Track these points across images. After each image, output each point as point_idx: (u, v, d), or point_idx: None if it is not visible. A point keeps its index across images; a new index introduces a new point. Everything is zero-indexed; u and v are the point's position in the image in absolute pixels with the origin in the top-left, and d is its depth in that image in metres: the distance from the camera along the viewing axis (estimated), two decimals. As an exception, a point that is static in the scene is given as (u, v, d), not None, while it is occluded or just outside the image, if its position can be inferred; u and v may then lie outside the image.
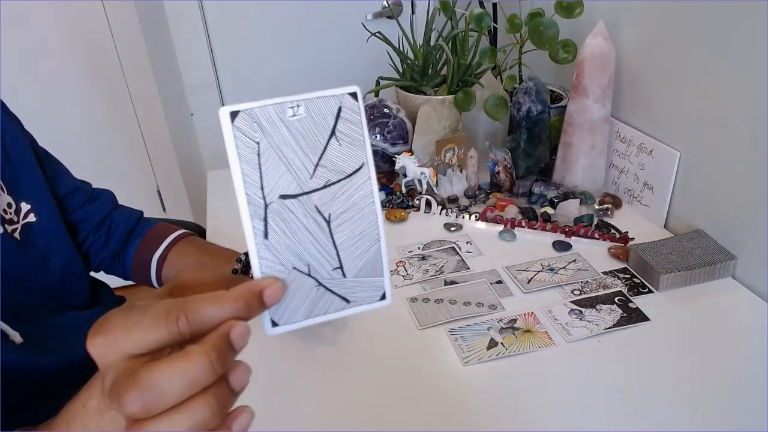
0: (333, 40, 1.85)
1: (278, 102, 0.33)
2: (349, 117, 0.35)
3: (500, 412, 0.68)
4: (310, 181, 0.35)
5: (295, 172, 0.34)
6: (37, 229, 0.72)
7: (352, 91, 0.34)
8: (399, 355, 0.77)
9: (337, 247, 0.36)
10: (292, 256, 0.35)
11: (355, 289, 0.37)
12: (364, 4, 1.84)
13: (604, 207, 1.04)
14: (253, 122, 0.33)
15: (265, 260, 0.34)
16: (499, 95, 1.11)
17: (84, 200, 0.84)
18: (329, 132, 0.35)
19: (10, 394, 0.60)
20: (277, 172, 0.34)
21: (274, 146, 0.33)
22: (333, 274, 0.36)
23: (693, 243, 0.90)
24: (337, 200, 0.35)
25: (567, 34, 1.09)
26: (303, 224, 0.35)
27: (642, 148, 1.02)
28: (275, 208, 0.34)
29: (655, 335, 0.78)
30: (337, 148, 0.35)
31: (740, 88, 0.82)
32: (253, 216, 0.34)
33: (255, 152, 0.33)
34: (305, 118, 0.34)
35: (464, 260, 0.94)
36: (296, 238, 0.35)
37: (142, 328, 0.31)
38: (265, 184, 0.34)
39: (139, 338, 0.31)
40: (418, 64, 1.19)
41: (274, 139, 0.33)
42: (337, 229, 0.36)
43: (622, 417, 0.66)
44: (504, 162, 1.10)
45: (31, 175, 0.74)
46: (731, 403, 0.67)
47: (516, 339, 0.77)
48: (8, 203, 0.69)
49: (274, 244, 0.34)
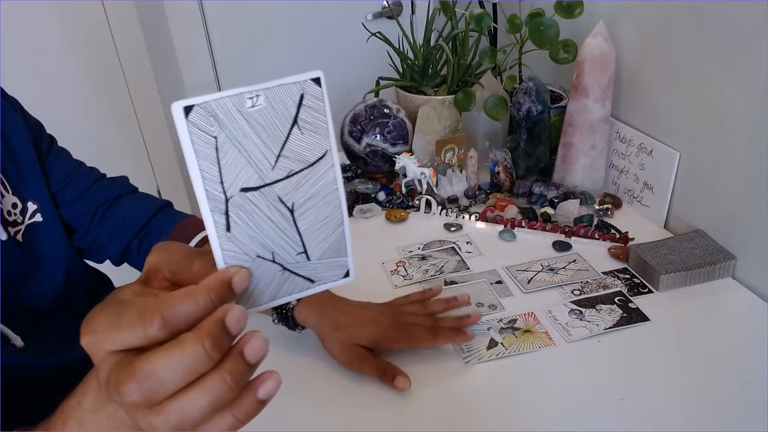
0: (333, 40, 1.85)
1: (236, 93, 0.32)
2: (312, 104, 0.34)
3: (500, 412, 0.68)
4: (272, 172, 0.34)
5: (256, 165, 0.33)
6: (43, 229, 0.71)
7: (315, 76, 0.33)
8: (399, 355, 0.77)
9: (301, 233, 0.36)
10: (255, 245, 0.35)
11: (319, 270, 0.37)
12: (364, 4, 1.84)
13: (604, 207, 1.04)
14: (209, 116, 0.31)
15: (228, 252, 0.34)
16: (499, 95, 1.11)
17: (80, 193, 0.82)
18: (291, 121, 0.33)
19: (12, 394, 0.60)
20: (236, 166, 0.33)
21: (232, 139, 0.32)
22: (297, 258, 0.36)
23: (693, 243, 0.90)
24: (301, 189, 0.35)
25: (567, 34, 1.09)
26: (266, 215, 0.34)
27: (642, 148, 1.02)
28: (236, 202, 0.33)
29: (655, 335, 0.78)
30: (300, 137, 0.34)
31: (740, 88, 0.82)
32: (214, 211, 0.33)
33: (213, 147, 0.32)
34: (265, 108, 0.32)
35: (464, 260, 0.94)
36: (259, 228, 0.35)
37: (121, 329, 0.31)
38: (225, 179, 0.33)
39: (119, 339, 0.32)
40: (418, 64, 1.19)
41: (233, 132, 0.32)
42: (301, 216, 0.36)
43: (622, 417, 0.66)
44: (504, 162, 1.10)
45: (34, 173, 0.72)
46: (731, 403, 0.67)
47: (516, 339, 0.77)
48: (14, 203, 0.68)
49: (237, 236, 0.34)
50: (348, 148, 1.14)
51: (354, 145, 1.12)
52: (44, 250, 0.71)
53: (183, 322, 0.31)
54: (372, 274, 0.92)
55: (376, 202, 1.12)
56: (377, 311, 0.76)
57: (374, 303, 0.79)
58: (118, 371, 0.31)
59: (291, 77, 0.33)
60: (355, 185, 1.14)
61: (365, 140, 1.11)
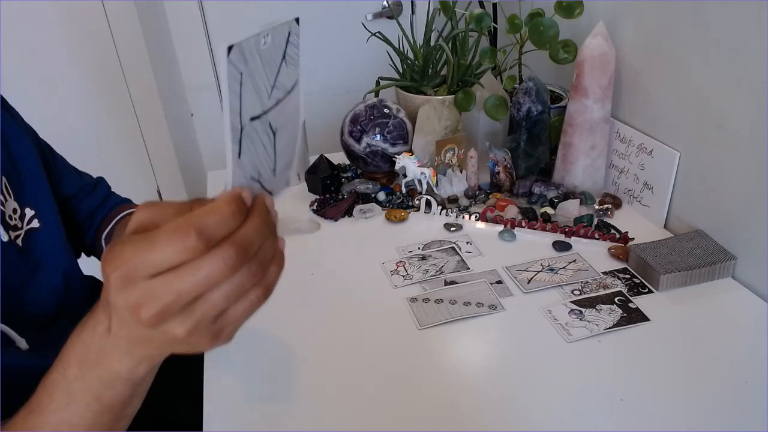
0: (333, 40, 1.85)
1: (256, 33, 0.36)
2: (293, 41, 0.39)
3: (500, 412, 0.68)
4: (267, 101, 0.38)
5: (260, 96, 0.37)
6: (40, 235, 0.71)
7: (296, 17, 0.39)
8: (399, 355, 0.77)
9: (276, 152, 0.41)
10: (251, 168, 0.39)
11: (274, 182, 0.42)
12: (364, 4, 1.84)
13: (604, 207, 1.04)
14: (240, 55, 0.35)
15: (236, 176, 0.38)
16: (499, 95, 1.11)
17: (87, 194, 0.86)
18: (281, 55, 0.38)
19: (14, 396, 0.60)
20: (250, 98, 0.36)
21: (250, 75, 0.36)
22: (269, 174, 0.41)
23: (693, 243, 0.90)
24: (282, 114, 0.40)
25: (567, 34, 1.09)
26: (261, 140, 0.39)
27: (642, 148, 1.02)
28: (246, 130, 0.37)
29: (655, 335, 0.78)
30: (285, 69, 0.39)
31: (740, 88, 0.82)
32: (233, 140, 0.36)
33: (238, 82, 0.35)
34: (270, 45, 0.37)
35: (464, 260, 0.94)
36: (256, 152, 0.39)
37: (159, 249, 0.33)
38: (243, 110, 0.36)
39: (159, 259, 0.33)
40: (418, 65, 1.19)
41: (251, 68, 0.36)
42: (279, 138, 0.40)
43: (622, 417, 0.66)
44: (504, 162, 1.10)
45: (35, 179, 0.73)
46: (731, 403, 0.67)
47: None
48: (14, 209, 0.69)
49: (243, 161, 0.38)
50: (348, 148, 1.14)
51: (354, 145, 1.12)
52: (43, 256, 0.71)
53: (215, 232, 0.34)
54: (372, 274, 0.92)
55: (376, 202, 1.12)
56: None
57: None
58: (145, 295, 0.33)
59: (283, 19, 0.38)
60: (355, 185, 1.14)
61: (365, 140, 1.11)
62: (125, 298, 0.34)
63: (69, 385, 0.39)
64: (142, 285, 0.33)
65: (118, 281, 0.34)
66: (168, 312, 0.34)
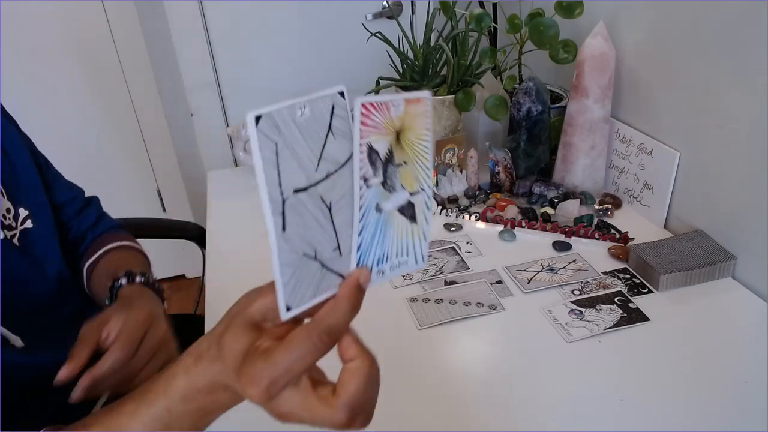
0: (333, 40, 1.85)
1: (290, 104, 0.36)
2: (340, 113, 0.38)
3: (500, 412, 0.68)
4: (315, 173, 0.38)
5: (304, 167, 0.37)
6: (34, 235, 0.72)
7: (341, 90, 0.39)
8: (399, 355, 0.77)
9: (336, 229, 0.40)
10: (303, 243, 0.38)
11: (347, 265, 0.41)
12: (364, 4, 1.84)
13: (604, 207, 1.04)
14: (272, 124, 0.35)
15: (283, 251, 0.37)
16: (499, 95, 1.11)
17: (79, 209, 0.85)
18: (327, 128, 0.38)
19: (12, 394, 0.60)
20: (291, 169, 0.36)
21: (287, 145, 0.36)
22: (333, 254, 0.40)
23: (693, 243, 0.90)
24: (336, 188, 0.39)
25: (567, 34, 1.09)
26: (312, 214, 0.38)
27: (642, 148, 1.02)
28: (291, 203, 0.37)
29: (655, 335, 0.78)
30: (333, 142, 0.38)
31: (740, 88, 0.82)
32: (274, 212, 0.36)
33: (274, 152, 0.35)
34: (310, 117, 0.37)
35: (464, 260, 0.94)
36: (307, 227, 0.38)
37: (296, 358, 0.36)
38: (282, 181, 0.36)
39: (298, 367, 0.36)
40: (418, 64, 1.19)
41: (288, 138, 0.36)
42: (336, 214, 0.39)
43: (622, 417, 0.66)
44: (504, 162, 1.10)
45: (30, 180, 0.74)
46: (731, 403, 0.67)
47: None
48: (7, 209, 0.69)
49: (290, 235, 0.37)
50: (348, 148, 1.14)
51: (354, 145, 1.12)
52: (38, 255, 0.72)
53: (341, 333, 0.38)
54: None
55: (376, 202, 1.12)
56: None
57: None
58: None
59: (325, 91, 0.38)
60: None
61: (365, 140, 1.11)
62: (269, 408, 0.38)
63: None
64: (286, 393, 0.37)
65: (268, 403, 0.37)
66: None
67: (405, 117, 0.40)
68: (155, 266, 0.87)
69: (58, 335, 0.71)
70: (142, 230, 1.18)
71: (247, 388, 0.37)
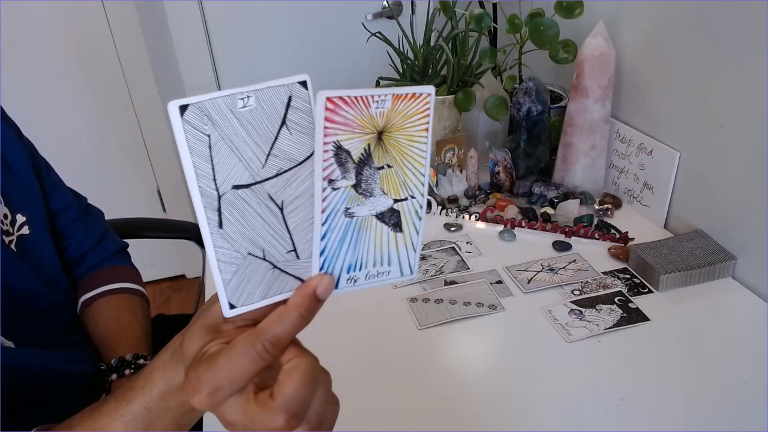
0: (333, 40, 1.85)
1: (228, 93, 0.33)
2: (299, 106, 0.35)
3: (500, 412, 0.68)
4: (262, 170, 0.35)
5: (247, 163, 0.34)
6: (30, 241, 0.72)
7: (302, 79, 0.34)
8: (399, 355, 0.77)
9: (290, 231, 0.37)
10: (246, 242, 0.36)
11: (306, 269, 0.38)
12: (364, 4, 1.84)
13: (604, 207, 1.04)
14: (203, 115, 0.33)
15: (220, 248, 0.35)
16: (499, 95, 1.11)
17: (75, 217, 0.84)
18: (280, 121, 0.35)
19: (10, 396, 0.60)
20: (229, 164, 0.34)
21: (225, 138, 0.33)
22: (287, 256, 0.37)
23: (693, 243, 0.90)
24: (290, 187, 0.36)
25: (567, 34, 1.09)
26: (257, 212, 0.36)
27: (642, 148, 1.02)
28: (228, 199, 0.34)
29: (655, 335, 0.77)
30: (288, 137, 0.35)
31: (740, 88, 0.82)
32: (207, 207, 0.34)
33: (206, 145, 0.33)
34: (256, 108, 0.34)
35: (464, 260, 0.94)
36: (250, 225, 0.36)
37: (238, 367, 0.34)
38: (218, 176, 0.34)
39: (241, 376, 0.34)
40: (418, 64, 1.19)
41: (225, 130, 0.33)
42: (290, 214, 0.37)
43: (622, 417, 0.66)
44: (504, 162, 1.10)
45: (28, 187, 0.74)
46: (731, 403, 0.67)
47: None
48: (5, 214, 0.69)
49: (229, 233, 0.35)
50: (348, 148, 1.14)
51: (354, 145, 1.12)
52: (33, 262, 0.72)
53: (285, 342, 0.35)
54: (372, 274, 0.92)
55: (376, 202, 1.12)
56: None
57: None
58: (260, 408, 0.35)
59: (279, 80, 0.34)
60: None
61: (365, 140, 1.11)
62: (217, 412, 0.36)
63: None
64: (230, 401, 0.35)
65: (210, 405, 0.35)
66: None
67: (392, 115, 0.35)
68: (155, 266, 0.87)
69: (51, 343, 0.71)
70: (142, 230, 1.18)
71: (189, 394, 0.35)
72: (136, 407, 0.41)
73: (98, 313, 0.80)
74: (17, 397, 0.61)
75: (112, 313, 0.81)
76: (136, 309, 0.84)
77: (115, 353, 0.77)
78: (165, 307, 2.12)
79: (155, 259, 2.19)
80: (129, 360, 0.76)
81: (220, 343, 0.36)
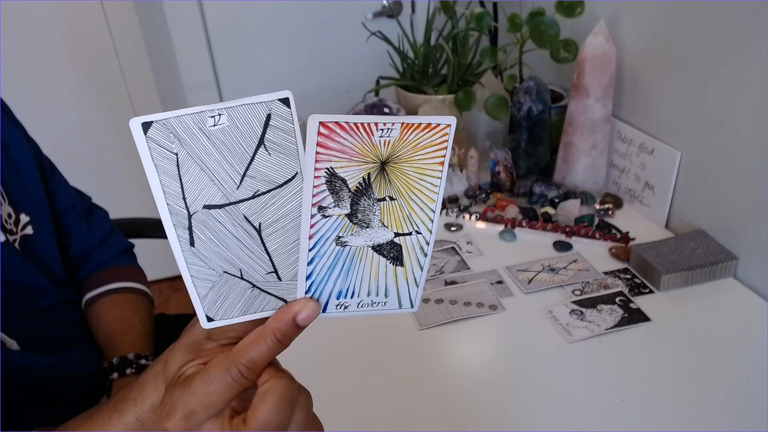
0: (333, 39, 1.85)
1: (197, 111, 0.31)
2: (279, 125, 0.32)
3: (500, 412, 0.68)
4: (237, 191, 0.33)
5: (220, 183, 0.33)
6: (34, 241, 0.72)
7: (283, 97, 0.32)
8: (399, 355, 0.77)
9: (270, 253, 0.35)
10: (221, 261, 0.35)
11: (291, 291, 0.36)
12: (364, 3, 1.84)
13: (605, 207, 1.04)
14: (169, 133, 0.31)
15: (193, 265, 0.34)
16: (500, 95, 1.11)
17: (79, 216, 0.84)
18: (256, 141, 0.32)
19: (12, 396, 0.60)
20: (199, 183, 0.32)
21: (194, 157, 0.32)
22: (267, 277, 0.36)
23: (694, 243, 0.90)
24: (268, 210, 0.34)
25: (568, 33, 1.09)
26: (231, 233, 0.34)
27: (643, 147, 1.02)
28: (200, 218, 0.33)
29: (656, 335, 0.77)
30: (267, 158, 0.33)
31: (741, 87, 0.82)
32: (177, 225, 0.33)
33: (173, 163, 0.32)
34: (228, 127, 0.32)
35: (464, 260, 0.94)
36: (225, 245, 0.34)
37: (212, 391, 0.33)
38: (187, 195, 0.33)
39: (215, 401, 0.33)
40: (418, 64, 1.19)
41: (194, 149, 0.32)
42: (269, 237, 0.35)
43: (623, 417, 0.66)
44: (504, 162, 1.10)
45: (32, 186, 0.74)
46: (732, 403, 0.67)
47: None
48: (9, 213, 0.69)
49: (201, 251, 0.34)
50: (348, 148, 1.14)
51: (354, 145, 1.12)
52: (36, 261, 0.72)
53: (262, 365, 0.34)
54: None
55: (377, 202, 1.11)
56: None
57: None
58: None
59: (257, 96, 0.32)
60: (355, 185, 1.14)
61: (365, 140, 1.11)
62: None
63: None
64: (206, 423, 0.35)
65: (186, 426, 0.34)
66: None
67: (399, 145, 0.33)
68: (155, 266, 0.87)
69: (55, 340, 0.71)
70: (142, 230, 1.17)
71: (163, 418, 0.34)
72: (129, 419, 0.40)
73: (102, 312, 0.81)
74: (20, 398, 0.61)
75: (116, 312, 0.81)
76: (140, 309, 0.84)
77: (118, 352, 0.77)
78: (164, 307, 2.12)
79: (155, 259, 2.17)
80: (131, 359, 0.76)
81: (198, 365, 0.35)
